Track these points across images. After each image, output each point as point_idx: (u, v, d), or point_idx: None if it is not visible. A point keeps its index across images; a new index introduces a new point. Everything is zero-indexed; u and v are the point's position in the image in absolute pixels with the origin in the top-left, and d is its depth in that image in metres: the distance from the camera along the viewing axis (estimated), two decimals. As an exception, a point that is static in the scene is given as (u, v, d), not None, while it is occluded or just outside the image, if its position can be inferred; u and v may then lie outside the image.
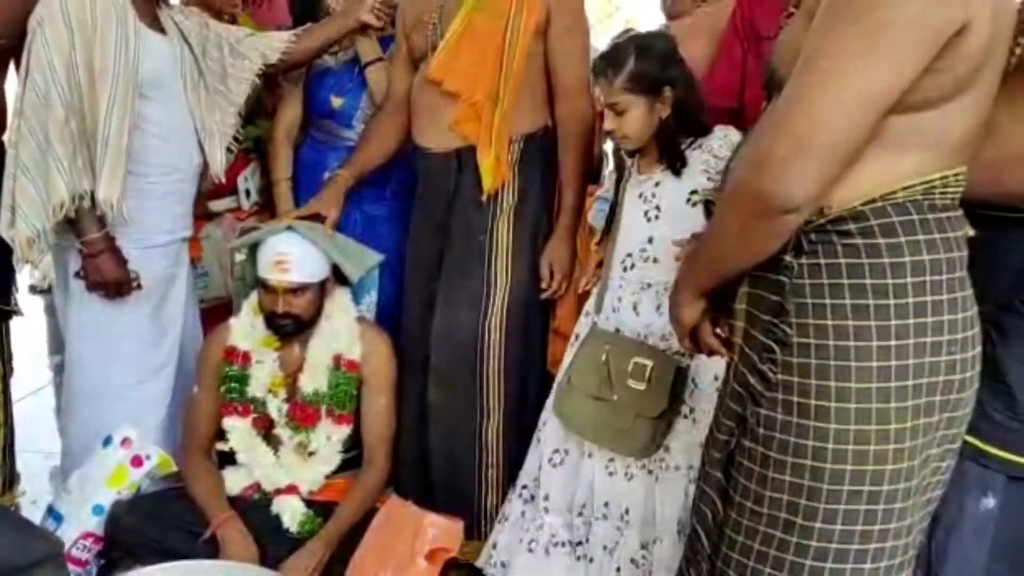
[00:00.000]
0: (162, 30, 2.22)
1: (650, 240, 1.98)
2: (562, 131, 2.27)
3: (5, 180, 2.09)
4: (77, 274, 2.12)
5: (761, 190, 1.10)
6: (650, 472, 1.93)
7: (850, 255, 1.14)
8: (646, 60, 1.89)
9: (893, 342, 1.12)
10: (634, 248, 2.00)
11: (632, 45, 1.92)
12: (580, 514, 2.03)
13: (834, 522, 1.16)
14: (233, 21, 2.50)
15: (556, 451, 2.08)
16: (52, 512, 2.08)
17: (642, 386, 1.88)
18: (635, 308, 1.98)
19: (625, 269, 2.02)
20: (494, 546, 2.16)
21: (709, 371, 1.85)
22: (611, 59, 1.92)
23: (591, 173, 2.42)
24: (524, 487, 2.15)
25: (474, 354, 2.24)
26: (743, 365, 1.24)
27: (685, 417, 1.90)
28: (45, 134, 2.01)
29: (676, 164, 1.94)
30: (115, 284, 2.12)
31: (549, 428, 2.10)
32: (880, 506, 1.16)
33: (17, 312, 2.27)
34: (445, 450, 2.28)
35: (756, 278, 1.22)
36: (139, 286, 2.16)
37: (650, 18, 3.62)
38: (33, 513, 2.19)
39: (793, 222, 1.12)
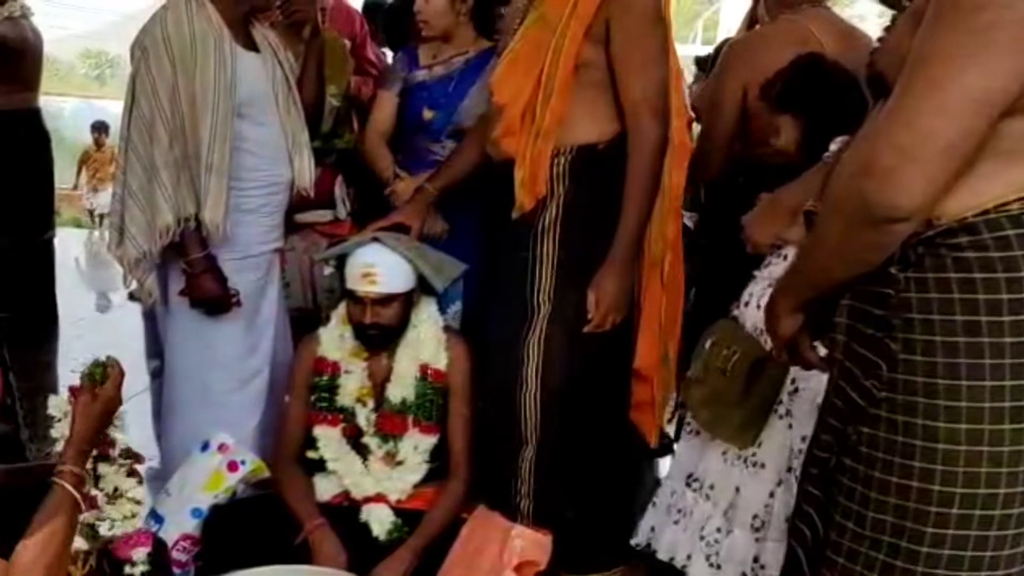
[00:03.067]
0: (255, 48, 2.28)
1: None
2: (628, 148, 2.06)
3: (114, 203, 2.21)
4: (181, 292, 2.20)
5: (866, 198, 1.06)
6: (746, 462, 1.96)
7: (961, 269, 1.09)
8: (792, 84, 2.06)
9: (1008, 360, 1.07)
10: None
11: (784, 71, 2.07)
12: (689, 485, 2.07)
13: (942, 547, 1.11)
14: (300, 25, 2.45)
15: (688, 424, 2.12)
16: (153, 514, 2.14)
17: (726, 374, 1.90)
18: (758, 302, 1.97)
19: (765, 267, 2.03)
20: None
21: (813, 375, 1.81)
22: (770, 81, 2.10)
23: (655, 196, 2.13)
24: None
25: (514, 378, 2.12)
26: (844, 380, 1.20)
27: (781, 417, 1.88)
28: (151, 160, 2.11)
29: None
30: (216, 301, 2.20)
31: None
32: (992, 532, 1.10)
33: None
34: (488, 467, 2.20)
35: (859, 291, 1.18)
36: (238, 303, 2.23)
37: (734, 24, 3.55)
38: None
39: (900, 232, 1.08)
